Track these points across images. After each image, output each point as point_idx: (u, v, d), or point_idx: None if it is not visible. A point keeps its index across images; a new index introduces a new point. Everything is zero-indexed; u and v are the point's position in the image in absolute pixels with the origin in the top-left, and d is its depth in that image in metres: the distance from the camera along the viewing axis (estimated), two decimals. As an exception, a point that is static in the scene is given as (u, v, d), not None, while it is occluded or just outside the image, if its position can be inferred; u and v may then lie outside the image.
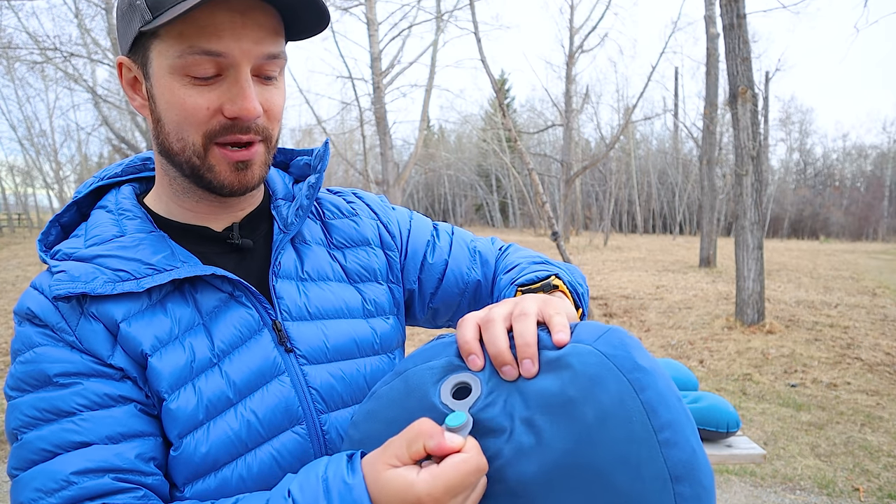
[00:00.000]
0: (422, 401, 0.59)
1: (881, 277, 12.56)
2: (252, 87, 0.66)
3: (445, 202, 49.71)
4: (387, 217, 0.91)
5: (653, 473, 0.51)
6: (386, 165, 10.88)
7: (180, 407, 0.65)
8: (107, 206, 0.76)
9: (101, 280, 0.67)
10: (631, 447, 0.51)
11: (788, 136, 44.84)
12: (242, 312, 0.71)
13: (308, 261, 0.80)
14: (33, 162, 23.00)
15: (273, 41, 0.67)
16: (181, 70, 0.65)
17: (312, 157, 0.88)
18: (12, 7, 10.97)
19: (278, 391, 0.70)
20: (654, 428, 0.52)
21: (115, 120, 18.73)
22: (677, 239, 29.25)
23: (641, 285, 10.62)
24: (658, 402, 0.53)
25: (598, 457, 0.51)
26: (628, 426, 0.51)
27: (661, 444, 0.51)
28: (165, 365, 0.66)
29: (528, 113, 39.71)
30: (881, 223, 39.74)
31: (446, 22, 11.02)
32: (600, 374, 0.53)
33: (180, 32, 0.63)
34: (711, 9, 12.95)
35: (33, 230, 26.87)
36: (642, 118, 23.27)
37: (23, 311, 0.68)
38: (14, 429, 0.64)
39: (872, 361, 5.68)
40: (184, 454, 0.66)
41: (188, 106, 0.66)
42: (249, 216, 0.80)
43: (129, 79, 0.71)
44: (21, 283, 10.66)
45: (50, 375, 0.64)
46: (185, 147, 0.68)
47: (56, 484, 0.60)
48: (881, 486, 3.36)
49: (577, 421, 0.52)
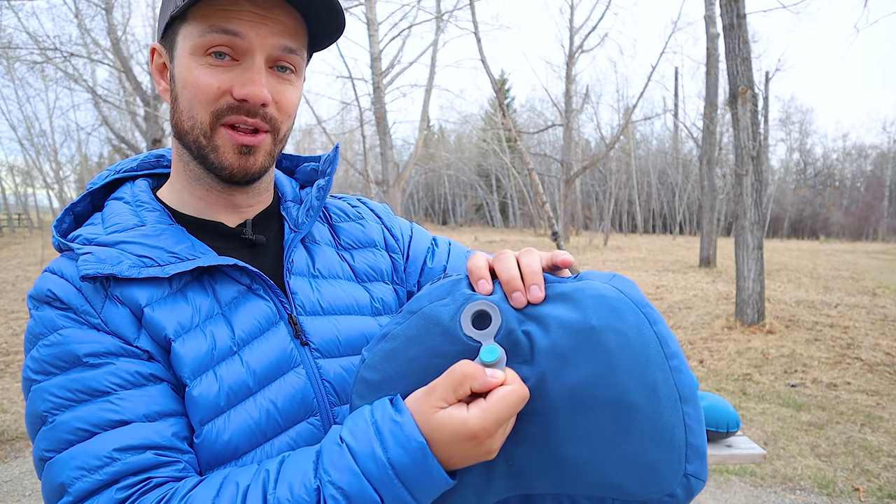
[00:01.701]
0: (444, 335, 0.61)
1: (881, 277, 12.56)
2: (263, 74, 0.69)
3: (445, 202, 49.71)
4: (390, 222, 0.95)
5: (666, 394, 0.57)
6: (386, 165, 10.89)
7: (202, 393, 0.66)
8: (123, 198, 0.78)
9: (126, 264, 0.68)
10: (648, 370, 0.57)
11: (788, 136, 44.88)
12: (261, 305, 0.73)
13: (318, 259, 0.82)
14: (33, 162, 22.99)
15: (290, 37, 0.71)
16: (201, 48, 0.68)
17: (321, 163, 0.90)
18: (12, 7, 10.96)
19: (295, 382, 0.71)
20: (666, 355, 0.58)
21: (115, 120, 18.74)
22: (677, 239, 29.26)
23: (641, 285, 10.61)
24: (666, 334, 0.60)
25: (620, 378, 0.56)
26: (646, 352, 0.57)
27: (672, 369, 0.58)
28: (188, 351, 0.67)
29: (528, 113, 39.75)
30: (881, 223, 39.75)
31: (446, 22, 11.02)
32: (619, 307, 0.59)
33: (205, 14, 0.67)
34: (711, 9, 12.95)
35: (33, 230, 26.88)
36: (642, 118, 23.26)
37: (42, 294, 0.68)
38: (44, 411, 0.63)
39: (872, 361, 5.68)
40: (205, 441, 0.66)
41: (201, 84, 0.69)
42: (260, 215, 0.82)
43: (159, 64, 0.75)
44: (21, 283, 10.65)
45: (79, 355, 0.64)
46: (194, 125, 0.71)
47: (99, 461, 0.60)
48: (881, 486, 3.36)
49: (601, 346, 0.57)
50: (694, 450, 0.58)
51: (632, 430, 0.56)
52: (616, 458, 0.56)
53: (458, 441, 0.55)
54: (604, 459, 0.57)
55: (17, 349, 6.11)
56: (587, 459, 0.57)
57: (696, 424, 0.58)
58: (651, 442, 0.56)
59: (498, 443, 0.57)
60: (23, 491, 3.29)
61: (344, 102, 12.21)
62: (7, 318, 7.66)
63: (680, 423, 0.57)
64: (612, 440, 0.56)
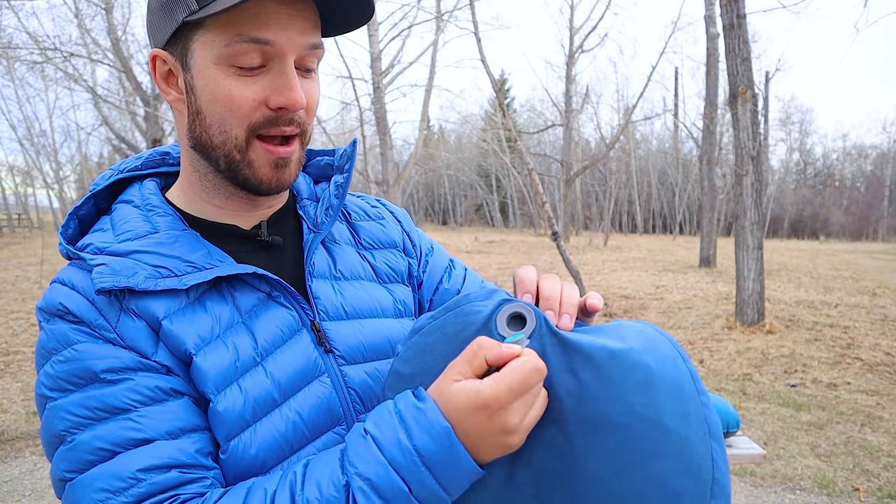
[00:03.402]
0: (478, 333, 0.61)
1: (881, 277, 12.56)
2: (297, 78, 0.66)
3: (445, 202, 49.69)
4: (409, 226, 0.93)
5: (697, 424, 0.58)
6: (386, 165, 10.88)
7: (228, 408, 0.64)
8: (132, 201, 0.74)
9: (142, 275, 0.65)
10: (682, 398, 0.58)
11: (788, 136, 44.88)
12: (283, 313, 0.71)
13: (340, 260, 0.80)
14: (33, 162, 22.96)
15: (315, 32, 0.67)
16: (227, 59, 0.64)
17: (336, 158, 0.87)
18: (12, 7, 10.96)
19: (320, 392, 0.69)
20: (698, 390, 0.60)
21: (115, 120, 18.74)
22: (677, 239, 29.25)
23: (641, 285, 10.61)
24: (696, 372, 0.62)
25: (657, 399, 0.57)
26: (680, 383, 0.58)
27: (702, 404, 0.59)
28: (210, 364, 0.64)
29: (528, 113, 39.75)
30: (881, 223, 39.75)
31: (446, 22, 11.01)
32: (657, 339, 0.61)
33: (228, 21, 0.62)
34: (711, 9, 12.95)
35: (33, 230, 26.86)
36: (642, 118, 23.29)
37: (53, 307, 0.65)
38: (62, 430, 0.61)
39: (872, 361, 5.68)
40: (232, 457, 0.64)
41: (234, 97, 0.65)
42: (275, 215, 0.79)
43: (164, 72, 0.70)
44: (21, 283, 10.65)
45: (96, 372, 0.61)
46: (226, 140, 0.67)
47: (124, 482, 0.58)
48: (881, 486, 3.35)
49: (641, 366, 0.57)
50: (720, 487, 0.58)
51: (662, 452, 0.55)
52: (640, 479, 0.56)
53: (472, 412, 0.54)
54: (626, 480, 0.56)
55: (17, 349, 6.10)
56: (607, 477, 0.56)
57: (723, 463, 0.58)
58: (679, 467, 0.56)
59: (514, 418, 0.55)
60: (22, 491, 3.28)
61: (344, 102, 12.20)
62: (7, 318, 7.65)
63: (708, 455, 0.57)
64: (640, 460, 0.55)
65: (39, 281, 10.62)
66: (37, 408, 0.66)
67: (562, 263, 11.63)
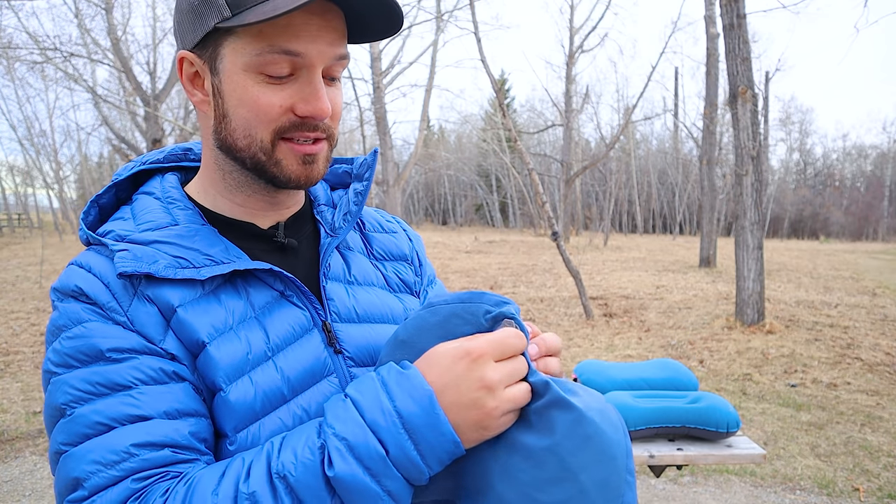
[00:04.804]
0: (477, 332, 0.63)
1: (881, 277, 12.56)
2: (324, 88, 0.68)
3: (445, 202, 49.70)
4: (421, 250, 0.95)
5: (611, 497, 0.59)
6: (386, 165, 10.88)
7: (239, 399, 0.65)
8: (153, 193, 0.76)
9: (162, 263, 0.67)
10: (610, 466, 0.59)
11: (788, 136, 44.88)
12: (296, 311, 0.72)
13: (354, 266, 0.82)
14: (33, 162, 23.00)
15: (342, 43, 0.69)
16: (257, 68, 0.65)
17: (354, 166, 0.89)
18: (12, 7, 10.96)
19: (328, 391, 0.70)
20: (628, 468, 0.61)
21: (115, 120, 18.74)
22: (677, 239, 29.25)
23: (641, 285, 10.61)
24: (630, 451, 0.63)
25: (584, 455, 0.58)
26: (615, 454, 0.60)
27: (626, 482, 0.61)
28: (223, 354, 0.66)
29: (528, 113, 39.75)
30: (881, 223, 39.76)
31: (446, 22, 11.01)
32: (611, 412, 0.63)
33: (260, 31, 0.64)
34: (711, 9, 12.95)
35: (33, 230, 26.87)
36: (642, 118, 23.30)
37: (68, 288, 0.67)
38: (63, 404, 0.62)
39: (872, 361, 5.68)
40: (240, 449, 0.65)
41: (262, 104, 0.67)
42: (292, 218, 0.81)
43: (191, 73, 0.71)
44: (21, 283, 10.65)
45: (102, 350, 0.63)
46: (251, 143, 0.69)
47: (116, 456, 0.59)
48: (881, 486, 3.36)
49: (588, 422, 0.59)
50: None
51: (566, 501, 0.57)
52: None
53: (452, 363, 0.57)
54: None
55: (17, 349, 6.11)
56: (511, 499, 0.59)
57: None
58: None
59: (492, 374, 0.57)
60: (22, 491, 3.28)
61: (344, 102, 12.21)
62: (7, 318, 7.65)
63: None
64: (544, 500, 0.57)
65: (39, 281, 10.62)
66: (42, 384, 0.67)
67: (562, 263, 11.63)
